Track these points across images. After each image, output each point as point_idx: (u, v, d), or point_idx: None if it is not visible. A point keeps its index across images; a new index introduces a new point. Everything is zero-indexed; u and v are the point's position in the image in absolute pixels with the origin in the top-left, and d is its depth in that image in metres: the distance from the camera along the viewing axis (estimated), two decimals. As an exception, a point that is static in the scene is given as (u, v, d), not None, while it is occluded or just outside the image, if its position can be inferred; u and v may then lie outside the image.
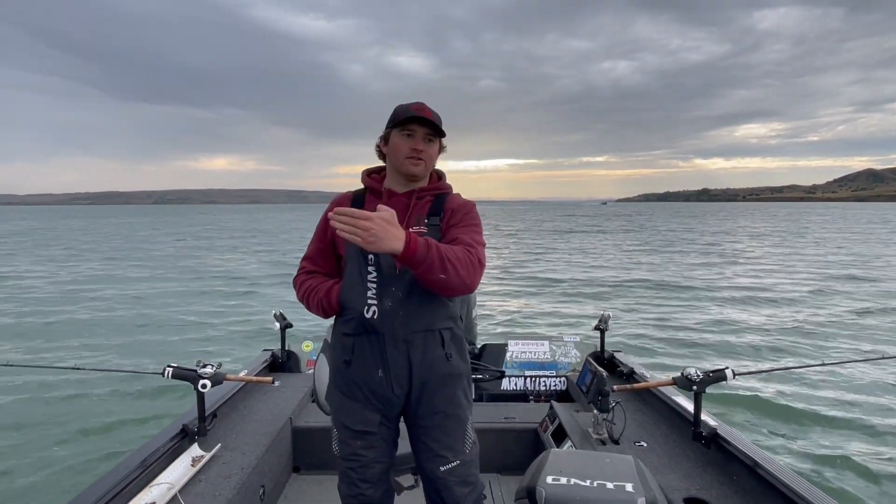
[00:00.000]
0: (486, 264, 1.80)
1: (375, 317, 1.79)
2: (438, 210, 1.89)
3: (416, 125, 1.83)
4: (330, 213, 1.64)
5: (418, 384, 1.84)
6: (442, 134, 1.88)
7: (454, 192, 2.00)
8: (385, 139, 1.91)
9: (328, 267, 1.96)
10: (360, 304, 1.81)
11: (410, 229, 1.82)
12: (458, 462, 1.90)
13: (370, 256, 1.79)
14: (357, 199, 1.93)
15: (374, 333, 1.81)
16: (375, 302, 1.80)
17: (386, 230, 1.50)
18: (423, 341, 1.83)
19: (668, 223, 60.06)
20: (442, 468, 1.88)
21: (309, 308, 1.93)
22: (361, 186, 2.00)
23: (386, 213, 1.52)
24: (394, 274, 1.80)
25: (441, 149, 1.93)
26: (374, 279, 1.81)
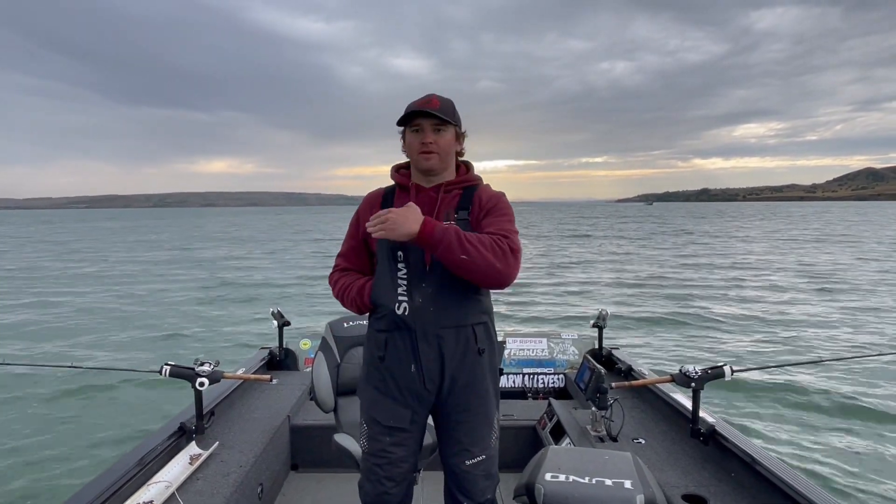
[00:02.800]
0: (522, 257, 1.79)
1: (406, 313, 1.80)
2: (467, 203, 1.87)
3: (421, 119, 1.82)
4: (368, 225, 1.71)
5: (449, 379, 1.84)
6: (451, 121, 1.84)
7: (484, 183, 1.96)
8: (403, 139, 1.93)
9: (361, 264, 1.99)
10: (391, 301, 1.82)
11: None
12: (484, 457, 1.90)
13: (399, 253, 1.81)
14: (387, 196, 1.96)
15: (407, 329, 1.82)
16: (406, 298, 1.81)
17: (404, 216, 1.65)
18: (455, 336, 1.83)
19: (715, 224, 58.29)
20: (468, 462, 1.88)
21: (344, 305, 1.95)
22: (391, 183, 2.01)
23: (406, 206, 1.70)
24: (423, 270, 1.80)
25: (459, 136, 1.91)
26: (404, 276, 1.82)
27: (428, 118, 1.82)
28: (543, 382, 4.20)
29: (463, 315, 1.83)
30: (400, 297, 1.81)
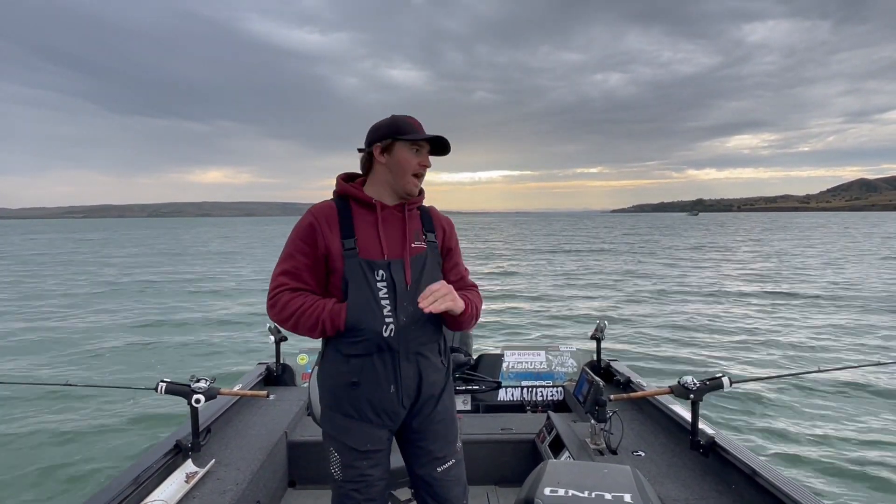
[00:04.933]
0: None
1: (392, 334, 1.77)
2: (430, 225, 1.92)
3: (425, 141, 1.83)
4: (423, 303, 1.67)
5: (425, 394, 1.86)
6: (446, 153, 1.90)
7: (427, 205, 2.02)
8: (387, 150, 1.82)
9: (315, 283, 1.83)
10: (377, 324, 1.76)
11: (412, 244, 1.84)
12: (454, 461, 1.94)
13: (380, 272, 1.77)
14: (342, 210, 1.83)
15: (388, 350, 1.78)
16: (392, 319, 1.76)
17: (455, 294, 1.75)
18: (430, 353, 1.87)
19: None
20: (439, 469, 1.90)
21: (295, 329, 1.79)
22: (334, 195, 1.90)
23: (440, 283, 1.74)
24: (405, 290, 1.79)
25: None
26: (386, 296, 1.77)
27: (434, 143, 1.85)
28: (542, 395, 4.18)
29: (433, 331, 1.88)
30: (387, 319, 1.76)
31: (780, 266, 23.68)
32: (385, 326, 1.76)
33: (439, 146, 1.86)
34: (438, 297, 1.68)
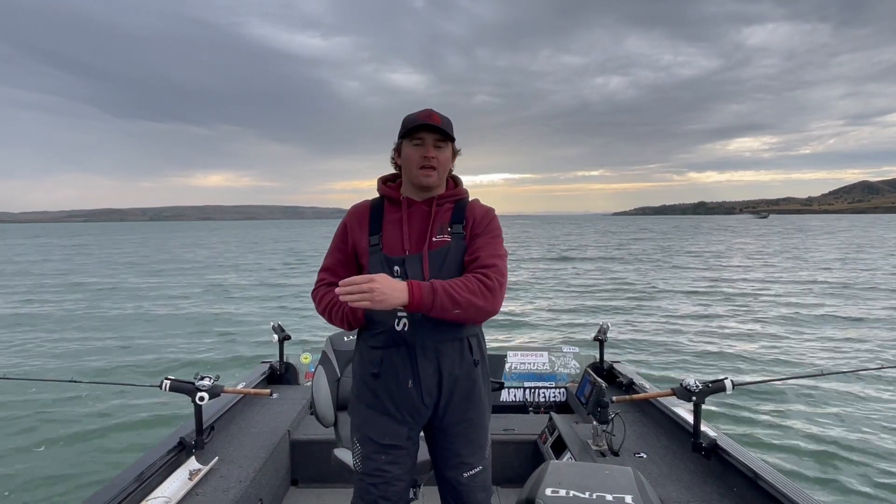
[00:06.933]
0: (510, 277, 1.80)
1: (406, 329, 1.78)
2: (460, 217, 1.87)
3: (424, 133, 1.80)
4: (337, 289, 1.57)
5: (447, 393, 1.83)
6: (451, 138, 1.85)
7: (472, 198, 1.96)
8: (398, 150, 1.89)
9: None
10: (390, 317, 1.78)
11: (433, 238, 1.82)
12: (481, 468, 1.92)
13: (396, 268, 1.79)
14: (375, 208, 1.92)
15: (405, 345, 1.79)
16: (405, 314, 1.77)
17: (390, 287, 1.58)
18: (452, 350, 1.82)
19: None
20: (465, 475, 1.88)
21: (331, 321, 1.88)
22: (378, 195, 1.97)
23: (380, 276, 1.59)
24: None
25: (455, 153, 1.91)
26: None
27: (432, 132, 1.80)
28: (544, 396, 4.19)
29: (460, 327, 1.81)
30: (399, 313, 1.77)
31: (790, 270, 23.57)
32: (397, 321, 1.78)
33: (441, 131, 1.81)
34: (358, 294, 1.54)
